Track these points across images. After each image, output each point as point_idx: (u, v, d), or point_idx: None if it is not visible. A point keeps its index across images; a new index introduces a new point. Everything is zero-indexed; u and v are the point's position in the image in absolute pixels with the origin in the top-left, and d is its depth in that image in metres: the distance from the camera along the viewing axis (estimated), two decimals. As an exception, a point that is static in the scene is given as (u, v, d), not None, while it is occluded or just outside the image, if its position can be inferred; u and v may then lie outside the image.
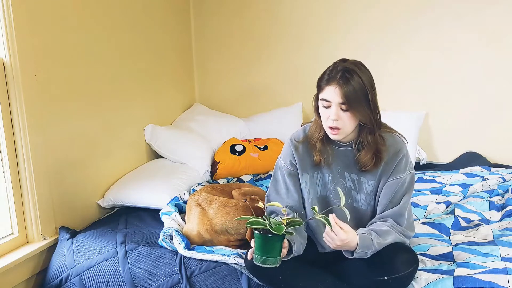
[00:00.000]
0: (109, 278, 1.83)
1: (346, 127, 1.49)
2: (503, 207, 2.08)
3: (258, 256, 1.37)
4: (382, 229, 1.49)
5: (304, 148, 1.61)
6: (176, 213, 2.07)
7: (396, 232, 1.51)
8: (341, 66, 1.47)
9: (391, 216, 1.53)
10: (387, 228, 1.50)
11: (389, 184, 1.54)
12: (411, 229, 1.57)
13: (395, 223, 1.53)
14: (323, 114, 1.50)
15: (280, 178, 1.66)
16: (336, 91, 1.44)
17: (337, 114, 1.45)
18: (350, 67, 1.45)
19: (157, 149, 2.67)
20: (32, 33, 1.90)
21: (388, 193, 1.54)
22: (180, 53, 3.12)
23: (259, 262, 1.37)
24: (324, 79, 1.48)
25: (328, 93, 1.46)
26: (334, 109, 1.46)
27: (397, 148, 1.54)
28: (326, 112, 1.49)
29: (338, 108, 1.45)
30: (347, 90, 1.42)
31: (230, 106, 3.25)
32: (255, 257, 1.37)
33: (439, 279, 1.48)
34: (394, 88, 2.84)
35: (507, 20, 2.57)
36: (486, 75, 2.66)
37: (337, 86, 1.44)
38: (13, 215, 1.95)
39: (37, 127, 1.94)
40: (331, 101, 1.46)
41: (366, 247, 1.43)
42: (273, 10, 3.03)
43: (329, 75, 1.47)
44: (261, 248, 1.36)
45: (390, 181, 1.54)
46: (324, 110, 1.50)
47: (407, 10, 2.75)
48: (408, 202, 1.56)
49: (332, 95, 1.45)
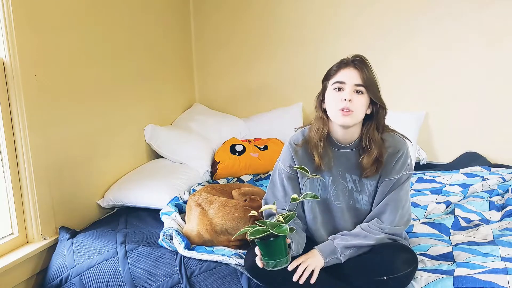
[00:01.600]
0: (109, 278, 1.83)
1: (358, 111, 1.49)
2: (503, 207, 2.07)
3: (268, 261, 1.36)
4: (352, 232, 1.53)
5: (303, 152, 1.61)
6: (176, 213, 2.07)
7: (373, 230, 1.51)
8: (352, 57, 1.52)
9: (374, 216, 1.55)
10: (358, 230, 1.53)
11: (384, 184, 1.55)
12: (401, 224, 1.55)
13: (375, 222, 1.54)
14: (335, 98, 1.50)
15: (278, 182, 1.65)
16: (352, 72, 1.48)
17: (351, 94, 1.47)
18: (362, 57, 1.52)
19: (157, 149, 2.67)
20: (32, 33, 1.90)
21: (382, 192, 1.55)
22: (180, 53, 3.12)
23: (271, 267, 1.36)
24: (334, 68, 1.52)
25: (342, 75, 1.49)
26: (348, 90, 1.48)
27: (396, 148, 1.54)
28: (338, 95, 1.49)
29: (352, 89, 1.48)
30: (363, 72, 1.47)
31: (230, 106, 3.25)
32: (266, 263, 1.37)
33: (439, 279, 1.48)
34: (394, 88, 2.84)
35: (507, 20, 2.57)
36: (486, 75, 2.66)
37: (353, 68, 1.48)
38: (13, 215, 1.95)
39: (37, 127, 1.94)
40: (346, 82, 1.48)
41: (332, 251, 1.49)
42: (273, 10, 3.04)
43: (340, 63, 1.52)
44: (268, 253, 1.36)
45: (385, 181, 1.54)
46: (335, 95, 1.50)
47: (407, 10, 2.75)
48: (396, 200, 1.53)
49: (349, 76, 1.48)
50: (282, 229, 1.32)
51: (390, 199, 1.54)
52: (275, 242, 1.34)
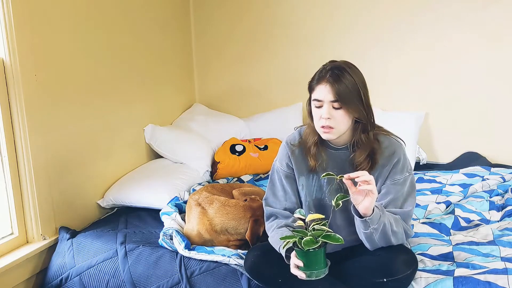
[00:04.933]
0: (109, 278, 1.83)
1: (339, 126, 1.47)
2: (503, 207, 2.07)
3: (312, 272, 1.33)
4: (393, 216, 1.48)
5: (300, 152, 1.61)
6: (176, 213, 2.07)
7: (403, 225, 1.50)
8: (330, 65, 1.48)
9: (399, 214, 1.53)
10: (397, 217, 1.49)
11: (388, 187, 1.53)
12: (411, 231, 1.57)
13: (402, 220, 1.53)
14: (316, 114, 1.50)
15: (277, 181, 1.65)
16: (326, 89, 1.44)
17: (329, 112, 1.45)
18: (340, 66, 1.47)
19: (157, 149, 2.67)
20: (32, 33, 1.90)
21: (387, 196, 1.53)
22: (180, 53, 3.12)
23: (314, 277, 1.33)
24: (315, 80, 1.49)
25: (319, 92, 1.46)
26: (326, 108, 1.45)
27: (392, 150, 1.54)
28: (318, 112, 1.48)
29: (330, 106, 1.45)
30: (338, 87, 1.43)
31: (230, 106, 3.25)
32: (309, 273, 1.33)
33: (439, 280, 1.48)
34: (394, 88, 2.84)
35: (507, 20, 2.56)
36: (486, 75, 2.66)
37: (328, 84, 1.44)
38: (13, 215, 1.95)
39: (37, 127, 1.94)
40: (323, 99, 1.46)
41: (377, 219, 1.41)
42: (273, 10, 3.03)
43: (319, 76, 1.48)
44: (308, 263, 1.33)
45: (388, 184, 1.53)
46: (316, 111, 1.49)
47: (407, 10, 2.75)
48: (413, 206, 1.55)
49: (323, 94, 1.45)
50: (335, 238, 1.29)
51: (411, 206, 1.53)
52: (315, 252, 1.31)
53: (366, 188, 1.35)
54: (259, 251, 1.59)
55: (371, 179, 1.36)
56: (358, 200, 1.40)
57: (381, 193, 1.54)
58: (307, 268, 1.34)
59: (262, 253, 1.57)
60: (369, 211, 1.39)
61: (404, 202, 1.53)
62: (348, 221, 1.58)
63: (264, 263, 1.54)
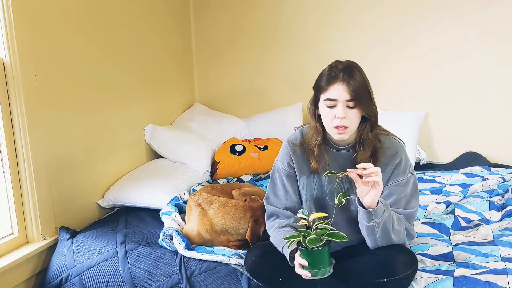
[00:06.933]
0: (109, 278, 1.83)
1: (353, 125, 1.48)
2: (503, 207, 2.07)
3: (318, 271, 1.33)
4: (396, 215, 1.49)
5: (301, 152, 1.60)
6: (176, 213, 2.07)
7: (406, 225, 1.51)
8: (340, 65, 1.47)
9: (403, 214, 1.53)
10: (400, 216, 1.50)
11: (391, 189, 1.53)
12: (414, 233, 1.57)
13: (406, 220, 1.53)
14: (328, 115, 1.48)
15: (278, 181, 1.65)
16: (343, 88, 1.43)
17: (344, 112, 1.45)
18: (350, 65, 1.47)
19: (157, 149, 2.67)
20: (32, 33, 1.90)
21: (390, 197, 1.53)
22: (180, 53, 3.12)
23: (319, 276, 1.33)
24: (324, 80, 1.47)
25: (333, 92, 1.45)
26: (341, 107, 1.44)
27: (394, 150, 1.54)
28: (331, 112, 1.47)
29: (345, 106, 1.45)
30: (354, 85, 1.43)
31: (230, 106, 3.25)
32: (314, 272, 1.33)
33: (439, 280, 1.48)
34: (394, 88, 2.84)
35: (507, 20, 2.57)
36: (486, 75, 2.66)
37: (343, 83, 1.43)
38: (13, 215, 1.95)
39: (37, 127, 1.94)
40: (337, 99, 1.45)
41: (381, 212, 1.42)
42: (273, 10, 3.03)
43: (329, 75, 1.46)
44: (312, 262, 1.33)
45: (391, 186, 1.53)
46: (328, 111, 1.47)
47: (408, 10, 2.75)
48: (417, 207, 1.55)
49: (338, 93, 1.44)
50: (339, 236, 1.29)
51: (415, 207, 1.54)
52: (320, 251, 1.31)
53: (373, 180, 1.36)
54: (259, 251, 1.58)
55: (377, 170, 1.37)
56: (364, 192, 1.40)
57: (383, 195, 1.53)
58: (312, 267, 1.33)
59: (262, 253, 1.57)
60: (374, 204, 1.40)
61: (408, 203, 1.54)
62: (348, 221, 1.58)
63: (264, 263, 1.54)
